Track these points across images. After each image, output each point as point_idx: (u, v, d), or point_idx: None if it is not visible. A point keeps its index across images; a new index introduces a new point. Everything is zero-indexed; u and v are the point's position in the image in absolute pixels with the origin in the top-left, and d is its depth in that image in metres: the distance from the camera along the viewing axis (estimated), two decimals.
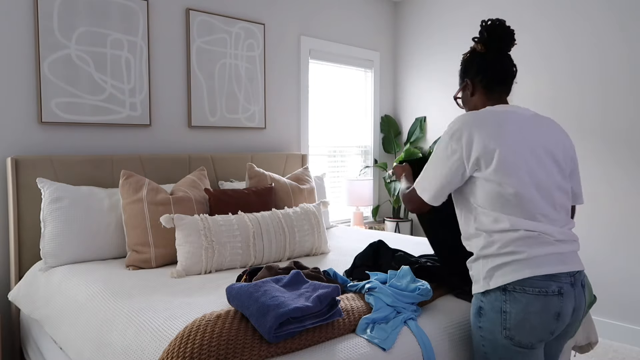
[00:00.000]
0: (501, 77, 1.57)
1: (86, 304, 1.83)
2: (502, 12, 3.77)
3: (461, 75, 1.66)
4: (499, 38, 1.57)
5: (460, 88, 1.68)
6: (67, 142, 2.63)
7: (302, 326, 1.38)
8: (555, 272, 1.37)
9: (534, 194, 1.42)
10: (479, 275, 1.47)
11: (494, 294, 1.42)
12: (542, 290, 1.36)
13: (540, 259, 1.38)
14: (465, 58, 1.65)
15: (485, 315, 1.44)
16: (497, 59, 1.58)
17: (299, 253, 2.46)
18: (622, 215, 3.20)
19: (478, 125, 1.44)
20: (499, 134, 1.42)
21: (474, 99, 1.62)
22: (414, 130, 4.40)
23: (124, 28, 2.77)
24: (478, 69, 1.59)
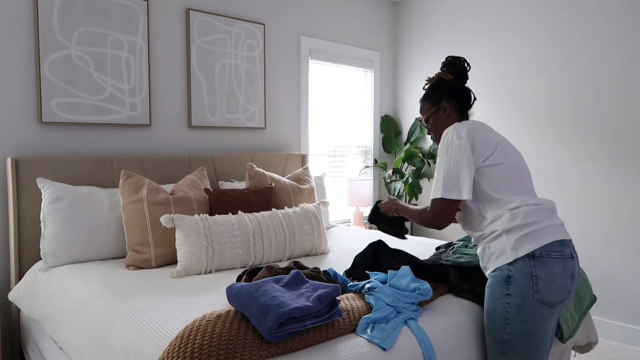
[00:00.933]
0: (469, 101, 1.87)
1: (86, 304, 1.83)
2: (501, 12, 3.77)
3: (433, 99, 1.86)
4: (466, 70, 1.87)
5: (432, 110, 1.86)
6: (67, 142, 2.63)
7: (302, 326, 1.38)
8: (564, 239, 1.62)
9: (526, 173, 1.73)
10: (504, 248, 1.62)
11: (522, 262, 1.58)
12: (562, 254, 1.59)
13: (554, 227, 1.62)
14: (435, 84, 1.87)
15: (516, 282, 1.58)
16: (467, 88, 1.87)
17: (299, 253, 2.46)
18: (622, 216, 3.21)
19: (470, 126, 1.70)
20: (487, 131, 1.74)
21: (448, 119, 1.83)
22: (414, 130, 4.39)
23: (124, 28, 2.77)
24: (453, 93, 1.84)
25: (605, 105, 3.25)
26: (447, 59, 1.87)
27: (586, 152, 3.35)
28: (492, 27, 3.85)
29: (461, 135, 1.67)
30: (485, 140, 1.68)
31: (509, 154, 1.71)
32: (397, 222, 2.09)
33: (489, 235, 1.67)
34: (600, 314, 3.31)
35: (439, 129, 1.86)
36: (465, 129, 1.68)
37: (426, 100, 1.89)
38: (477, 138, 1.68)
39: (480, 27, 3.92)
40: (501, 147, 1.70)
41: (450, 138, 1.68)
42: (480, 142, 1.67)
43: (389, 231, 2.10)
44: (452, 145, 1.66)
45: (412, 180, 4.01)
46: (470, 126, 1.71)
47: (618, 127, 3.20)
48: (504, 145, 1.72)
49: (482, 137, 1.68)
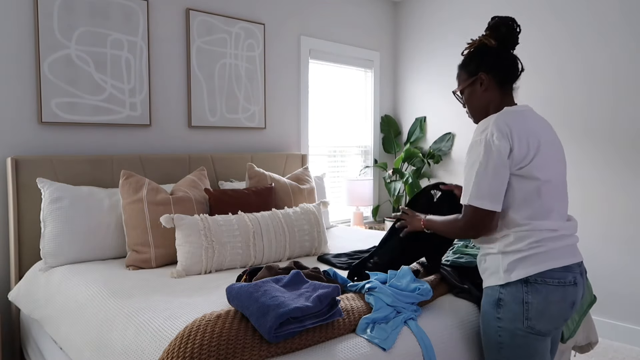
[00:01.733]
0: (514, 72, 1.59)
1: (86, 304, 1.83)
2: (501, 12, 3.77)
3: (470, 68, 1.61)
4: (514, 34, 1.57)
5: (467, 82, 1.62)
6: (67, 142, 2.63)
7: (302, 326, 1.38)
8: (570, 264, 1.47)
9: (555, 191, 1.50)
10: (497, 268, 1.50)
11: (514, 286, 1.47)
12: (561, 281, 1.45)
13: (557, 252, 1.47)
14: (474, 51, 1.61)
15: (506, 307, 1.48)
16: (513, 55, 1.59)
17: (299, 253, 2.46)
18: (620, 216, 3.20)
19: (514, 123, 1.47)
20: (535, 129, 1.49)
21: (485, 94, 1.59)
22: (414, 130, 4.39)
23: (124, 28, 2.77)
24: (494, 63, 1.57)
25: (601, 105, 3.25)
26: (493, 19, 1.58)
27: (583, 152, 3.35)
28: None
29: (503, 134, 1.44)
30: (526, 145, 1.45)
31: (549, 165, 1.48)
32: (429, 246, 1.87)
33: (487, 248, 1.56)
34: (600, 314, 3.31)
35: (475, 104, 1.63)
36: (508, 127, 1.45)
37: (462, 69, 1.64)
38: (518, 141, 1.45)
39: (481, 27, 3.92)
40: (541, 156, 1.47)
41: (490, 136, 1.45)
42: (519, 147, 1.45)
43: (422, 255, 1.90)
44: (491, 146, 1.44)
45: (412, 180, 4.01)
46: (514, 123, 1.47)
47: (614, 127, 3.20)
48: (546, 153, 1.48)
49: (523, 141, 1.45)
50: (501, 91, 1.59)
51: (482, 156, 1.45)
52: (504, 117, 1.48)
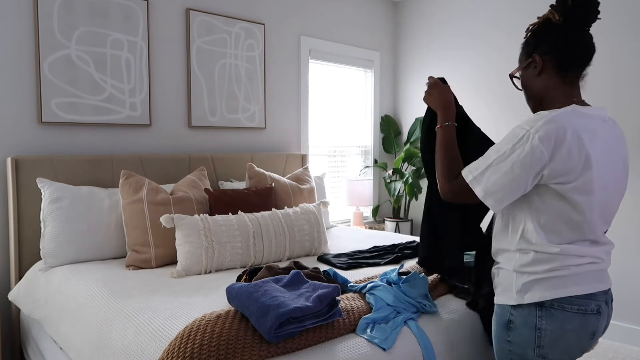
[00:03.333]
0: (582, 56, 1.33)
1: (86, 304, 1.83)
2: (501, 11, 3.77)
3: (527, 49, 1.39)
4: (585, 8, 1.32)
5: (522, 65, 1.41)
6: (67, 142, 2.63)
7: (302, 326, 1.38)
8: (595, 292, 1.30)
9: (598, 219, 1.30)
10: (510, 287, 1.34)
11: (527, 309, 1.31)
12: (582, 309, 1.28)
13: (581, 277, 1.29)
14: (535, 29, 1.38)
15: (516, 330, 1.33)
16: (580, 34, 1.33)
17: (299, 253, 2.46)
18: (622, 216, 3.20)
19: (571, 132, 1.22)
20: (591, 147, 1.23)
21: (541, 79, 1.37)
22: (414, 130, 4.39)
23: (124, 28, 2.77)
24: (554, 43, 1.33)
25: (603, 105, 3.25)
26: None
27: None
28: (492, 26, 3.85)
29: (550, 138, 1.21)
30: (576, 159, 1.22)
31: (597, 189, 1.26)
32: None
33: (502, 262, 1.39)
34: None
35: (528, 91, 1.42)
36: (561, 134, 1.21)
37: (522, 48, 1.42)
38: (568, 153, 1.21)
39: (481, 27, 3.92)
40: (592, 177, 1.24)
41: (534, 132, 1.23)
42: (567, 159, 1.22)
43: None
44: (528, 142, 1.23)
45: (412, 180, 4.01)
46: (574, 129, 1.22)
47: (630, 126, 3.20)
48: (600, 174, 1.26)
49: (574, 154, 1.22)
50: (562, 79, 1.35)
51: (512, 146, 1.25)
52: (565, 118, 1.23)
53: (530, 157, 1.23)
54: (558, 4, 1.34)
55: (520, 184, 1.26)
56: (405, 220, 4.19)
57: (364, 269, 2.22)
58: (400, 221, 4.17)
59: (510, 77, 1.46)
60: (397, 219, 4.18)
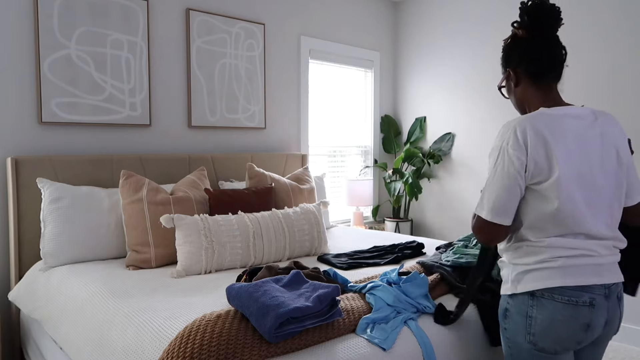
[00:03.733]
0: (549, 64, 1.42)
1: (86, 304, 1.83)
2: (502, 12, 3.77)
3: (502, 64, 1.53)
4: (542, 20, 1.41)
5: (502, 79, 1.54)
6: (67, 142, 2.63)
7: (302, 326, 1.38)
8: (589, 284, 1.32)
9: (585, 212, 1.32)
10: (507, 277, 1.43)
11: (521, 298, 1.38)
12: (572, 300, 1.31)
13: (574, 269, 1.32)
14: (506, 45, 1.51)
15: (511, 318, 1.41)
16: (543, 44, 1.42)
17: (299, 253, 2.46)
18: None
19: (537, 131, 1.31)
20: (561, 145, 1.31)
21: (519, 89, 1.48)
22: (414, 130, 4.40)
23: (124, 28, 2.77)
24: (521, 57, 1.44)
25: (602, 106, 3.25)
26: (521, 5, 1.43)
27: None
28: (492, 26, 3.85)
29: (519, 143, 1.31)
30: (543, 157, 1.30)
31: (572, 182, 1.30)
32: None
33: (503, 257, 1.48)
34: None
35: (512, 100, 1.54)
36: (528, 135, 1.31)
37: (501, 65, 1.55)
38: (536, 153, 1.30)
39: (481, 27, 3.92)
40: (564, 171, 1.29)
41: (505, 144, 1.34)
42: (537, 160, 1.30)
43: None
44: (505, 156, 1.33)
45: (412, 180, 4.01)
46: (540, 130, 1.31)
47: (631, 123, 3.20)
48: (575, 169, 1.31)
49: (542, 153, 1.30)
50: (537, 86, 1.43)
51: (495, 165, 1.36)
52: (528, 123, 1.32)
53: (512, 166, 1.32)
54: (520, 20, 1.45)
55: (515, 191, 1.34)
56: (405, 220, 4.20)
57: (364, 269, 2.22)
58: (400, 221, 4.17)
59: (499, 89, 1.57)
60: (397, 219, 4.18)
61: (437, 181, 4.30)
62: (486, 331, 1.76)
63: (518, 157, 1.31)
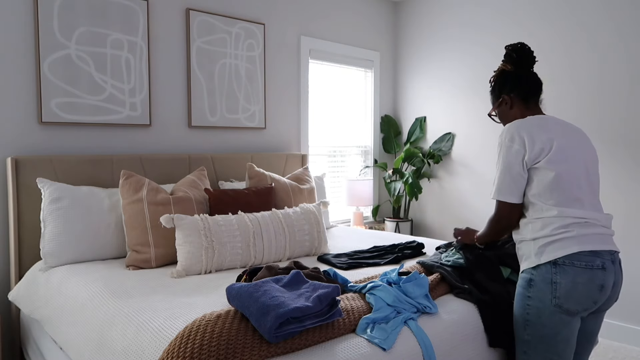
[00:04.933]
0: (534, 88, 1.82)
1: (86, 304, 1.83)
2: (502, 12, 3.77)
3: (496, 93, 1.88)
4: (526, 56, 1.83)
5: (495, 105, 1.89)
6: (67, 142, 2.63)
7: (302, 326, 1.38)
8: (599, 249, 1.59)
9: (583, 183, 1.66)
10: (530, 253, 1.67)
11: (544, 267, 1.61)
12: (588, 264, 1.58)
13: (586, 237, 1.60)
14: (496, 78, 1.88)
15: (536, 286, 1.63)
16: (528, 73, 1.83)
17: (299, 253, 2.46)
18: (622, 216, 3.21)
19: (530, 126, 1.69)
20: (550, 131, 1.68)
21: (513, 111, 1.84)
22: (414, 130, 4.40)
23: (124, 28, 2.77)
24: (513, 84, 1.82)
25: (608, 103, 3.25)
26: (506, 48, 1.86)
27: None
28: (492, 26, 3.85)
29: (513, 136, 1.68)
30: (538, 141, 1.65)
31: (568, 159, 1.66)
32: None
33: (521, 237, 1.72)
34: None
35: (505, 121, 1.89)
36: (518, 130, 1.68)
37: (491, 94, 1.93)
38: (529, 139, 1.66)
39: (481, 27, 3.92)
40: (558, 151, 1.65)
41: (503, 139, 1.70)
42: (531, 144, 1.65)
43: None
44: (503, 147, 1.70)
45: (412, 180, 4.01)
46: (525, 126, 1.69)
47: (621, 125, 3.20)
48: (564, 148, 1.67)
49: (535, 139, 1.66)
50: (526, 106, 1.82)
51: (502, 156, 1.70)
52: (518, 123, 1.70)
53: (512, 155, 1.68)
54: (507, 58, 1.86)
55: (518, 173, 1.68)
56: (405, 220, 4.20)
57: (364, 269, 2.22)
58: (400, 221, 4.17)
59: (489, 116, 1.92)
60: (397, 219, 4.18)
61: (437, 181, 4.30)
62: (486, 331, 1.77)
63: (515, 148, 1.67)
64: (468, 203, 4.07)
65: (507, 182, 1.69)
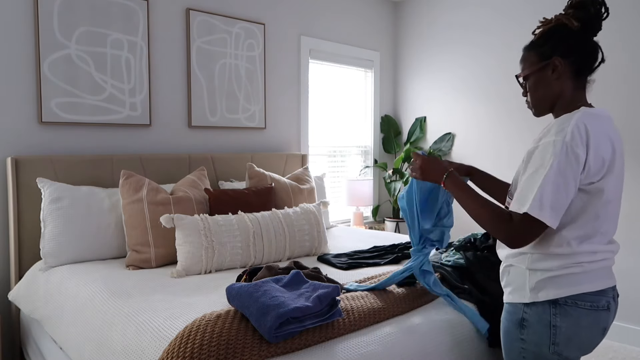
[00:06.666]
0: (594, 62, 1.37)
1: (86, 303, 1.83)
2: (501, 11, 3.77)
3: (545, 50, 1.38)
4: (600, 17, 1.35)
5: (537, 66, 1.39)
6: (67, 142, 2.63)
7: (302, 326, 1.38)
8: (605, 288, 1.32)
9: (613, 213, 1.33)
10: (523, 285, 1.35)
11: (541, 306, 1.31)
12: (594, 305, 1.30)
13: (595, 273, 1.31)
14: (550, 31, 1.38)
15: (530, 328, 1.33)
16: (594, 41, 1.36)
17: (299, 253, 2.46)
18: (622, 216, 3.20)
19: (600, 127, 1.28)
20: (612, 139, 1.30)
21: (558, 83, 1.37)
22: (414, 130, 4.40)
23: (124, 28, 2.77)
24: (574, 48, 1.34)
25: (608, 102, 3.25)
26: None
27: None
28: (492, 27, 3.85)
29: (583, 140, 1.24)
30: (601, 158, 1.27)
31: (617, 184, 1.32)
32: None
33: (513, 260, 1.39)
34: None
35: (540, 94, 1.41)
36: (588, 133, 1.25)
37: (532, 50, 1.41)
38: (595, 153, 1.25)
39: (481, 27, 3.92)
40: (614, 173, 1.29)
41: (569, 139, 1.24)
42: (595, 160, 1.26)
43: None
44: (568, 152, 1.24)
45: None
46: (595, 129, 1.27)
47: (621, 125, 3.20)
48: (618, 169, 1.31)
49: (600, 153, 1.26)
50: (575, 83, 1.37)
51: (556, 161, 1.24)
52: (586, 120, 1.27)
53: (578, 165, 1.24)
54: (579, 11, 1.34)
55: (572, 193, 1.27)
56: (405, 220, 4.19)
57: (364, 269, 2.22)
58: (400, 221, 4.17)
59: (517, 78, 1.46)
60: (397, 219, 4.18)
61: None
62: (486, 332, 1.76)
63: (580, 156, 1.24)
64: None
65: (556, 197, 1.23)
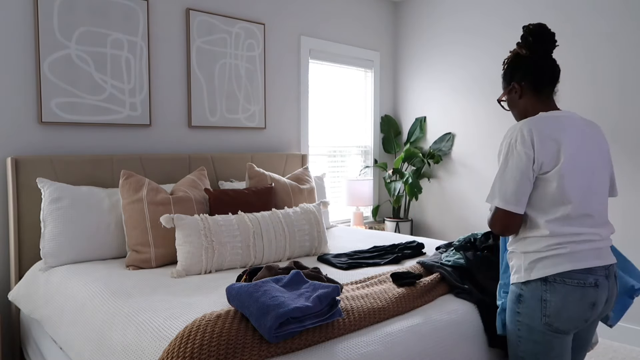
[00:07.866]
0: (549, 77, 1.63)
1: (86, 303, 1.83)
2: (501, 10, 3.77)
3: (506, 78, 1.70)
4: (543, 41, 1.63)
5: (505, 91, 1.72)
6: (67, 142, 2.63)
7: (302, 326, 1.38)
8: (592, 266, 1.50)
9: (584, 198, 1.51)
10: (520, 267, 1.57)
11: (534, 284, 1.53)
12: (580, 282, 1.49)
13: (580, 254, 1.50)
14: (509, 62, 1.70)
15: (525, 303, 1.55)
16: (545, 61, 1.64)
17: (299, 253, 2.46)
18: (621, 216, 3.20)
19: (543, 127, 1.51)
20: (565, 135, 1.51)
21: (522, 101, 1.67)
22: (414, 130, 4.40)
23: (124, 28, 2.77)
24: (525, 71, 1.64)
25: (605, 104, 3.25)
26: (524, 29, 1.64)
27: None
28: (492, 26, 3.85)
29: (525, 139, 1.50)
30: (549, 150, 1.49)
31: (579, 170, 1.51)
32: None
33: (512, 247, 1.62)
34: None
35: (514, 111, 1.72)
36: (529, 130, 1.50)
37: (502, 79, 1.74)
38: (542, 147, 1.49)
39: (480, 27, 3.92)
40: (570, 160, 1.49)
41: (514, 140, 1.52)
42: (543, 153, 1.49)
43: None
44: (511, 147, 1.52)
45: (412, 180, 4.01)
46: (538, 126, 1.51)
47: (619, 125, 3.20)
48: (576, 156, 1.51)
49: (546, 143, 1.49)
50: (537, 97, 1.64)
51: (504, 160, 1.54)
52: (531, 123, 1.52)
53: (522, 161, 1.50)
54: (522, 40, 1.65)
55: (526, 183, 1.51)
56: (405, 220, 4.20)
57: (364, 269, 2.22)
58: (400, 221, 4.17)
59: (498, 102, 1.75)
60: (397, 219, 4.18)
61: (437, 181, 4.30)
62: (486, 331, 1.77)
63: (526, 153, 1.49)
64: (468, 203, 4.07)
65: (512, 189, 1.50)
